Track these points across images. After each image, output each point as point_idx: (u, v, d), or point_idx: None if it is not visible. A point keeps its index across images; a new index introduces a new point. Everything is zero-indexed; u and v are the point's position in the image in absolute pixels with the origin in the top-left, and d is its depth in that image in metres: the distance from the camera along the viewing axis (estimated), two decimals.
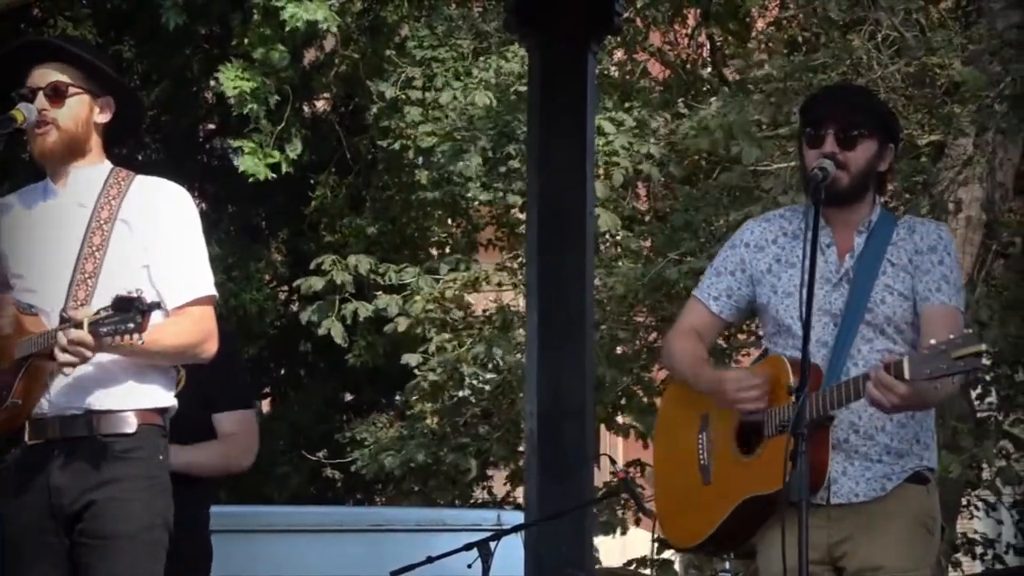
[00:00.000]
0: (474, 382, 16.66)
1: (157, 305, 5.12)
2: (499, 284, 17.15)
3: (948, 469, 14.93)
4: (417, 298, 16.53)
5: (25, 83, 5.46)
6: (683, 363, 5.86)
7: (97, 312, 5.07)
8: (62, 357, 5.11)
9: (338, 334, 16.90)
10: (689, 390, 5.89)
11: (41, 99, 5.42)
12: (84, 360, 5.15)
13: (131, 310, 5.00)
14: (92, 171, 5.52)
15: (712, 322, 5.90)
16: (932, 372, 5.19)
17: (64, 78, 5.47)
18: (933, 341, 5.25)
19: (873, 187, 5.80)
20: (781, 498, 5.27)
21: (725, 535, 5.80)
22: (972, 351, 5.16)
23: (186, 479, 6.54)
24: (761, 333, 5.92)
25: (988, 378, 15.28)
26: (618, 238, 16.18)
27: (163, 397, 5.47)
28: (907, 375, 5.21)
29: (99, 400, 5.35)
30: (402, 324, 16.50)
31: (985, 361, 6.74)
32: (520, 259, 16.93)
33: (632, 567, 17.70)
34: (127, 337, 5.01)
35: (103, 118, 5.55)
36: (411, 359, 16.52)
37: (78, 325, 5.08)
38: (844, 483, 5.56)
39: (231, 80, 16.12)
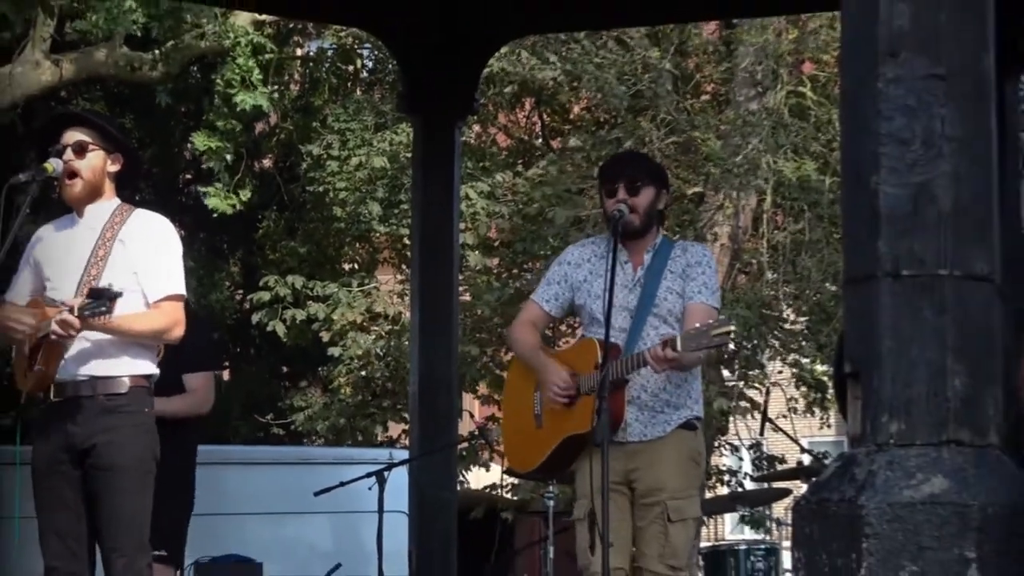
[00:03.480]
0: (377, 362, 16.82)
1: (120, 294, 5.11)
2: (391, 292, 17.34)
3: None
4: (339, 310, 16.75)
5: (55, 140, 5.45)
6: (524, 348, 5.95)
7: (83, 301, 5.12)
8: (55, 328, 5.14)
9: (281, 332, 17.06)
10: (526, 365, 5.97)
11: (69, 152, 5.38)
12: (71, 336, 5.18)
13: (103, 297, 5.07)
14: (104, 206, 5.48)
15: (544, 317, 6.02)
16: (696, 346, 5.45)
17: (86, 138, 5.44)
18: (698, 324, 5.47)
19: (656, 222, 5.95)
20: (590, 437, 5.47)
21: (551, 465, 5.91)
22: (724, 330, 5.42)
23: (175, 426, 6.57)
24: (577, 324, 6.01)
25: (735, 357, 15.51)
26: (478, 268, 16.37)
27: (148, 367, 5.44)
28: (679, 348, 5.41)
29: (102, 369, 5.33)
30: (326, 336, 16.88)
31: (732, 346, 6.88)
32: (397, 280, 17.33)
33: (487, 490, 17.80)
34: (104, 317, 5.08)
35: (114, 168, 5.52)
36: (335, 351, 16.73)
37: (71, 310, 5.12)
38: (636, 427, 5.67)
39: (202, 142, 16.23)
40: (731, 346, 14.41)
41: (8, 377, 5.59)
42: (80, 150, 5.43)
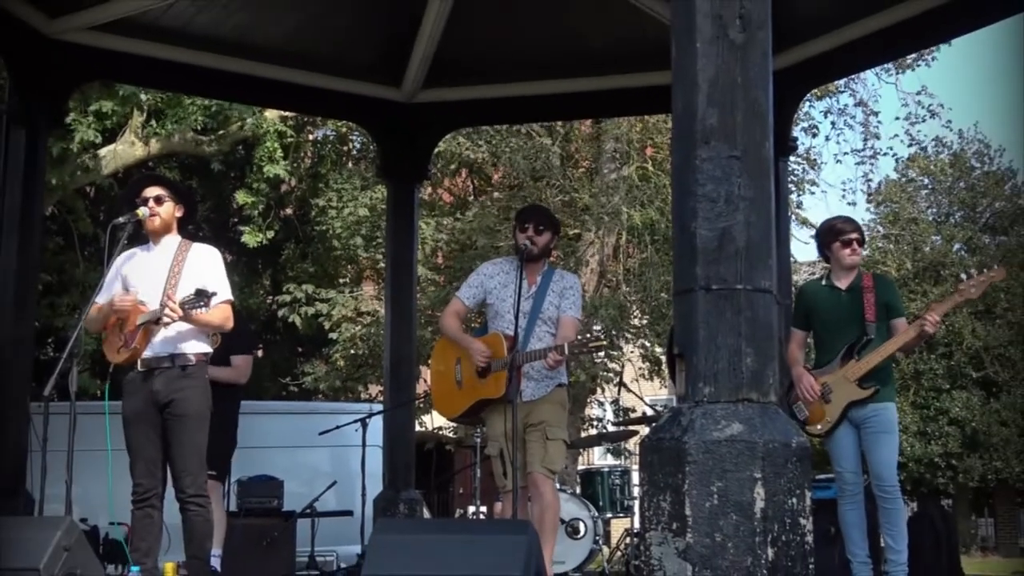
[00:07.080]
0: (362, 344, 16.75)
1: (216, 294, 5.10)
2: (371, 297, 17.29)
3: (578, 377, 15.08)
4: (336, 309, 16.71)
5: (141, 194, 5.44)
6: (452, 331, 5.86)
7: (184, 297, 5.10)
8: (167, 312, 5.11)
9: (297, 323, 17.08)
10: (451, 343, 5.89)
11: (152, 202, 5.39)
12: (175, 320, 5.14)
13: (203, 296, 5.04)
14: (172, 239, 5.44)
15: (463, 310, 5.91)
16: (579, 352, 5.53)
17: (163, 192, 5.44)
18: (580, 337, 5.52)
19: (546, 255, 5.91)
20: (504, 398, 5.46)
21: (467, 414, 5.87)
22: (599, 343, 5.51)
23: (226, 389, 6.49)
24: (484, 318, 5.96)
25: (603, 337, 15.51)
26: (429, 287, 16.35)
27: (206, 347, 5.38)
28: (567, 352, 5.45)
29: (176, 348, 5.27)
30: (327, 326, 16.80)
31: (601, 335, 6.89)
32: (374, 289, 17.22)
33: (436, 431, 17.70)
34: (200, 310, 5.08)
35: (179, 214, 5.49)
36: (334, 335, 16.69)
37: (174, 303, 5.12)
38: (527, 391, 5.65)
39: (243, 197, 16.11)
40: (601, 354, 14.51)
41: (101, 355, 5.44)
42: (159, 200, 5.42)
